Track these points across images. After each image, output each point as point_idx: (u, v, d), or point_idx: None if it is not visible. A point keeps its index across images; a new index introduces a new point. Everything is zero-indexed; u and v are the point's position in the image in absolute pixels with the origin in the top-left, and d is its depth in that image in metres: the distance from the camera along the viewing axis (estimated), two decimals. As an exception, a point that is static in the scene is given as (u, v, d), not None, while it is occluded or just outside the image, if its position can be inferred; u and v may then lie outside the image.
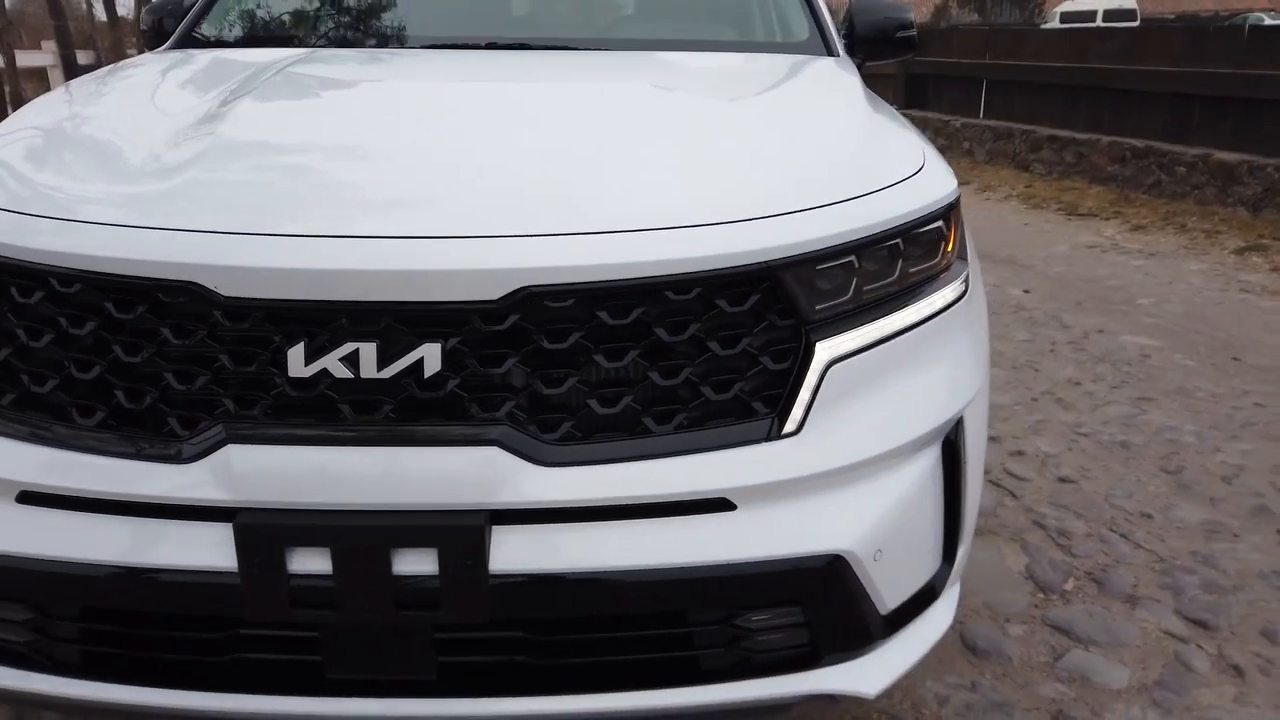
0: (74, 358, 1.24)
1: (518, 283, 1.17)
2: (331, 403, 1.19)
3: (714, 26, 2.46)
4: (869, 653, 1.41)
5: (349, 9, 2.32)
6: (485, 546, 1.19)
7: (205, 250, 1.17)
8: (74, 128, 1.62)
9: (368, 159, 1.44)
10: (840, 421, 1.31)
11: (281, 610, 1.21)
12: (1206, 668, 1.97)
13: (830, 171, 1.44)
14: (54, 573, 1.24)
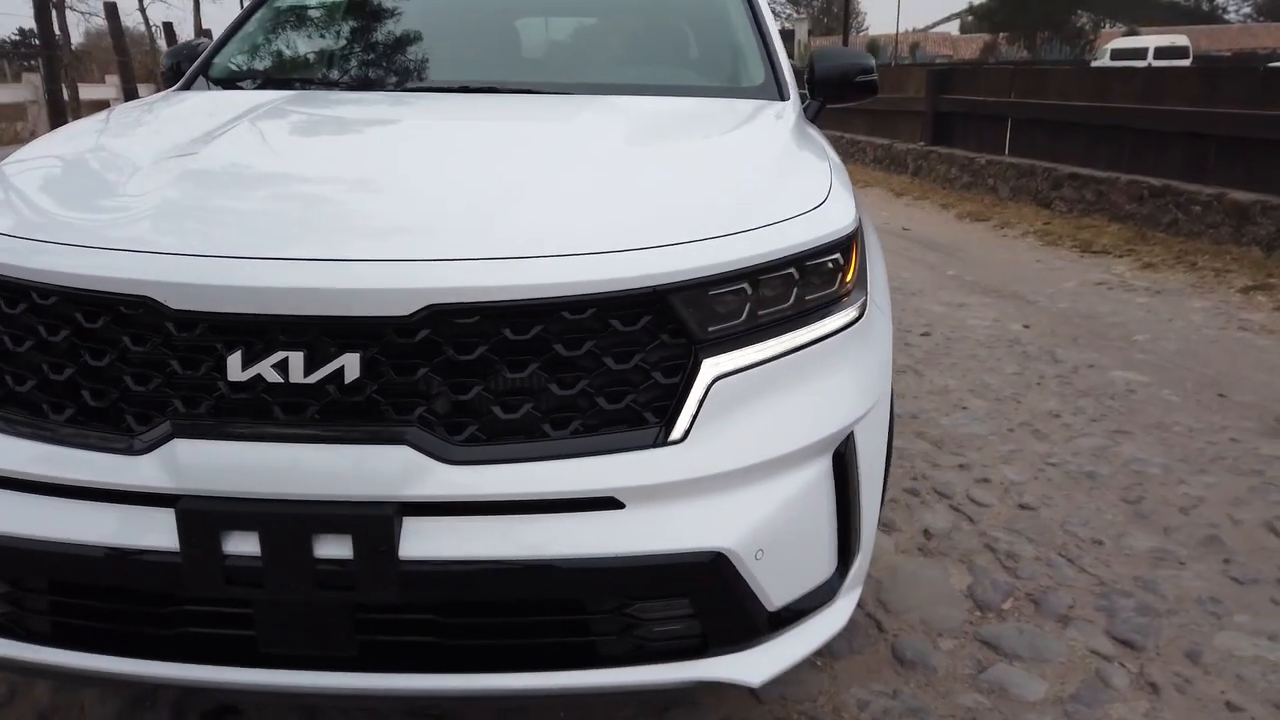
0: (49, 361, 1.43)
1: (426, 301, 1.33)
2: (264, 404, 1.36)
3: (677, 72, 2.63)
4: (756, 646, 1.53)
5: (330, 58, 2.53)
6: (395, 535, 1.35)
7: (158, 269, 1.35)
8: (66, 161, 1.83)
9: (305, 190, 1.63)
10: (724, 431, 1.45)
11: (217, 587, 1.37)
12: (1124, 684, 2.05)
13: (727, 205, 1.58)
14: (25, 550, 1.42)
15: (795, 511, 1.53)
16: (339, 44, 2.66)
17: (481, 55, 2.55)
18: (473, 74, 2.40)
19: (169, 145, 1.80)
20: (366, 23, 2.70)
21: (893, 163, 11.19)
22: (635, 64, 2.65)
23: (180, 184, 1.59)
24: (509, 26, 2.68)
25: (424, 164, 1.73)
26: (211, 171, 1.69)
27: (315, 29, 2.70)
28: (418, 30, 2.59)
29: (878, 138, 11.78)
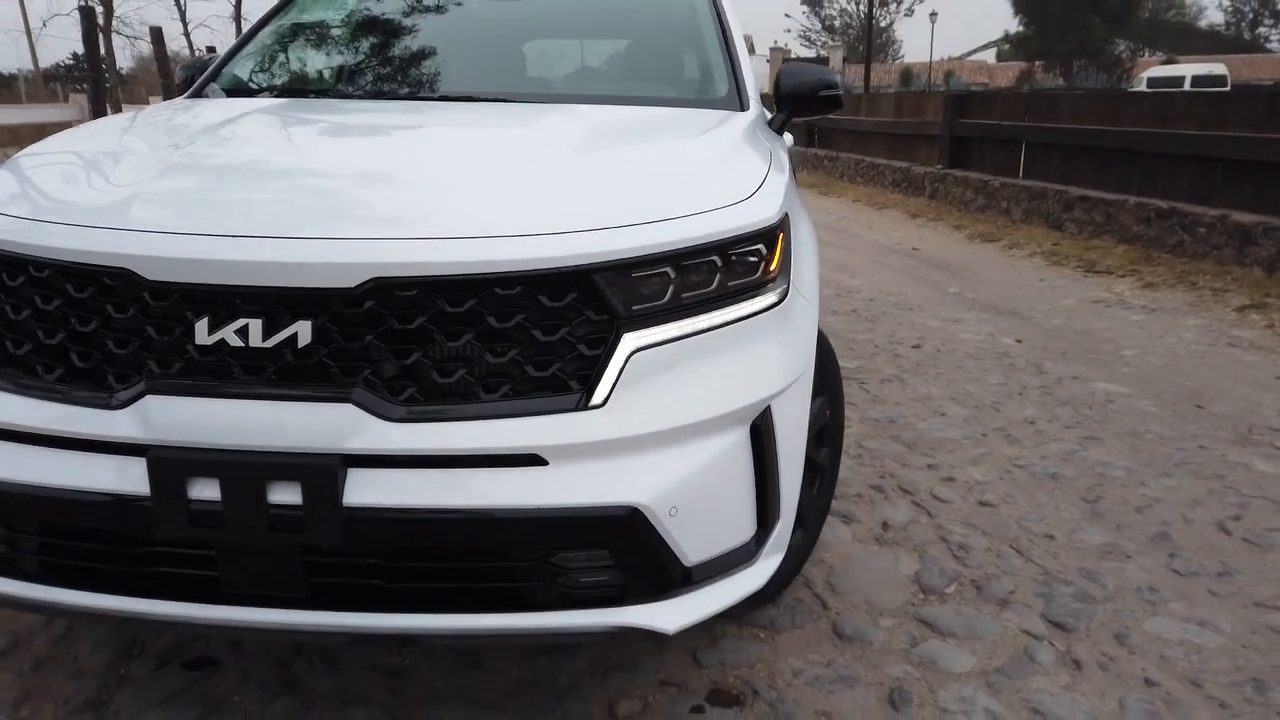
0: (43, 327, 1.61)
1: (370, 274, 1.50)
2: (227, 366, 1.54)
3: (647, 85, 2.80)
4: (672, 597, 1.67)
5: (320, 69, 2.74)
6: (340, 484, 1.51)
7: (136, 244, 1.53)
8: (71, 153, 2.03)
9: (271, 179, 1.82)
10: (642, 398, 1.60)
11: (183, 528, 1.54)
12: (1049, 660, 2.16)
13: (656, 196, 1.74)
14: (18, 494, 1.60)
15: (710, 475, 1.67)
16: (329, 57, 2.89)
17: (462, 68, 2.75)
18: (452, 84, 2.59)
19: (162, 142, 2.00)
20: (356, 39, 2.92)
21: (911, 185, 11.29)
22: (608, 77, 2.84)
23: (163, 173, 1.78)
24: (494, 42, 2.88)
25: (381, 157, 1.92)
26: (192, 163, 1.88)
27: (310, 44, 2.93)
28: (403, 46, 2.80)
29: (897, 161, 11.91)
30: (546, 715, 1.93)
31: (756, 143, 2.23)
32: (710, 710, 1.96)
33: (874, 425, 3.70)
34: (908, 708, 1.99)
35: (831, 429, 2.45)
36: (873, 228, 9.40)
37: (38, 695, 1.97)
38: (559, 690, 2.01)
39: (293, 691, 1.99)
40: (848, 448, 3.44)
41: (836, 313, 5.68)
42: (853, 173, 13.18)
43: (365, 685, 2.02)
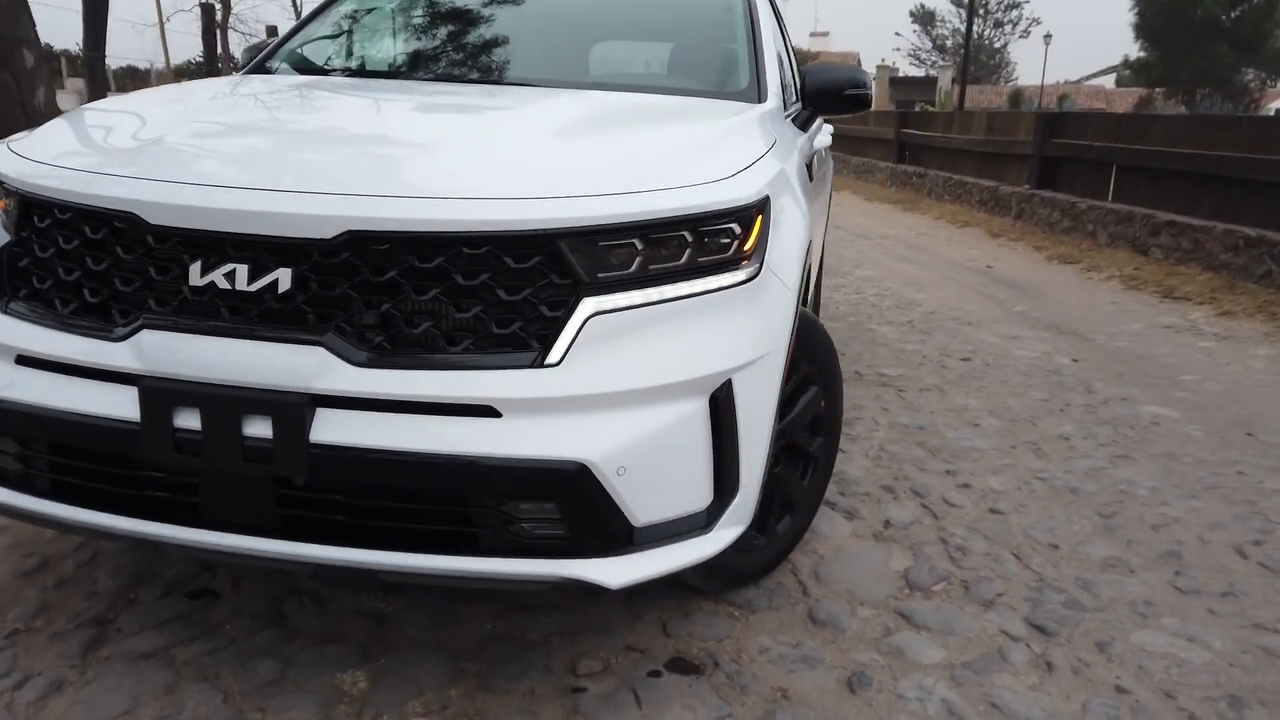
0: (62, 265, 1.78)
1: (345, 227, 1.62)
2: (215, 306, 1.67)
3: (670, 76, 2.88)
4: (619, 554, 1.74)
5: (360, 51, 2.90)
6: (307, 421, 1.63)
7: (143, 191, 1.68)
8: (121, 111, 2.21)
9: (272, 140, 1.96)
10: (597, 360, 1.68)
11: (168, 454, 1.68)
12: (1021, 661, 2.14)
13: (632, 170, 1.81)
14: (33, 415, 1.76)
15: (663, 440, 1.73)
16: (368, 41, 3.06)
17: (488, 53, 2.87)
18: (475, 68, 2.72)
19: (191, 106, 2.18)
20: (393, 26, 3.08)
21: (997, 205, 11.05)
22: (632, 67, 2.92)
23: (179, 131, 1.94)
24: (525, 31, 2.99)
25: (379, 126, 2.05)
26: (205, 124, 2.05)
27: (354, 30, 3.10)
28: (437, 32, 2.95)
29: (985, 179, 11.66)
30: (509, 666, 2.02)
31: (760, 131, 2.27)
32: (667, 676, 2.02)
33: (901, 431, 3.68)
34: (865, 691, 2.01)
35: (827, 419, 2.48)
36: (950, 245, 9.24)
37: (54, 609, 2.15)
38: (527, 645, 2.09)
39: (280, 625, 2.12)
40: (867, 450, 3.44)
41: (892, 323, 5.64)
42: (940, 190, 12.96)
43: (348, 627, 2.14)
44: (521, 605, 2.23)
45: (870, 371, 4.55)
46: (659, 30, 3.16)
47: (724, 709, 1.92)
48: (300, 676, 1.95)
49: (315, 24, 3.12)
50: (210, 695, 1.88)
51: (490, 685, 1.95)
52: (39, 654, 1.99)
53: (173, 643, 2.04)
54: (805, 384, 2.38)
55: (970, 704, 1.97)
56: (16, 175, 1.86)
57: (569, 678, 1.99)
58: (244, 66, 3.10)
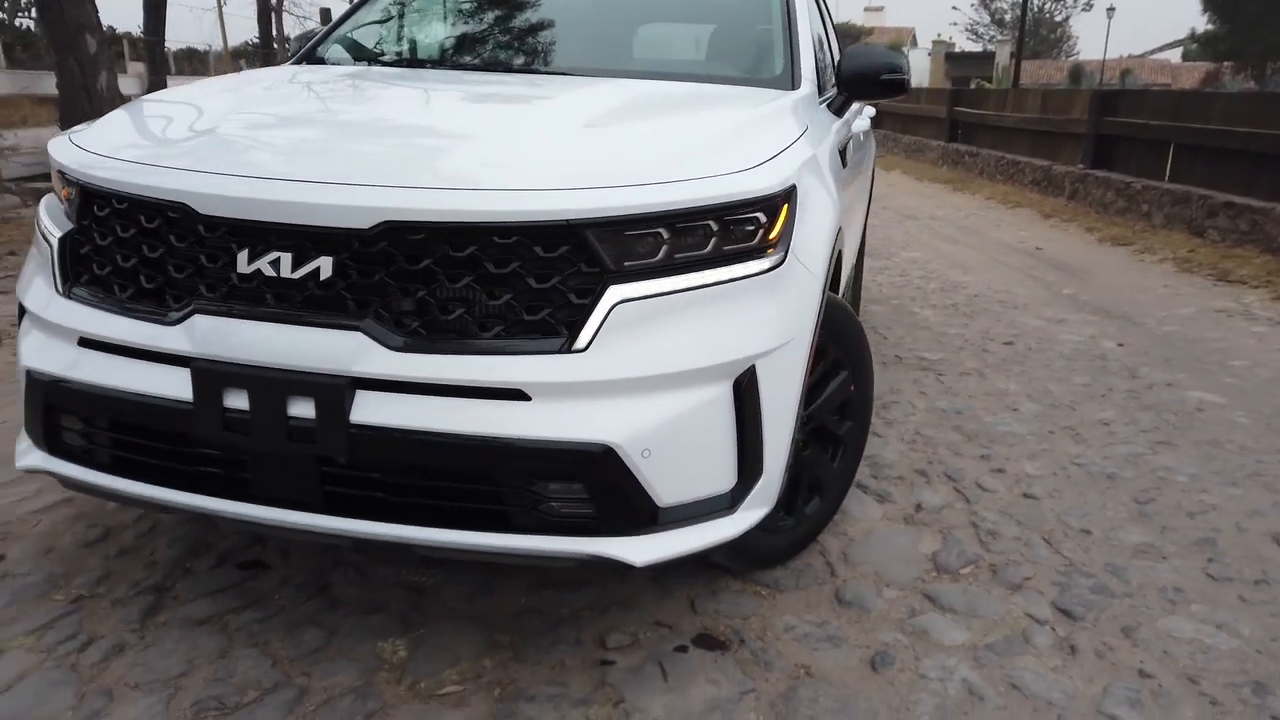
0: (120, 252, 1.88)
1: (383, 218, 1.69)
2: (261, 293, 1.76)
3: (706, 63, 2.91)
4: (643, 534, 1.80)
5: (401, 42, 2.97)
6: (348, 402, 1.71)
7: (194, 183, 1.77)
8: (176, 102, 2.32)
9: (315, 132, 2.04)
10: (622, 346, 1.74)
11: (218, 433, 1.78)
12: (1045, 644, 2.17)
13: (660, 160, 1.86)
14: (95, 394, 1.87)
15: (687, 423, 1.79)
16: (410, 31, 3.13)
17: (533, 45, 2.92)
18: (514, 58, 2.77)
19: (241, 98, 2.27)
20: (437, 16, 3.15)
21: (1050, 185, 10.85)
22: (668, 55, 2.95)
23: (229, 124, 2.03)
24: (564, 21, 3.04)
25: (415, 117, 2.12)
26: (253, 117, 2.14)
27: (396, 19, 3.18)
28: (478, 23, 3.01)
29: (1039, 159, 11.45)
30: (540, 638, 2.10)
31: (791, 119, 2.30)
32: (694, 651, 2.08)
33: (938, 415, 3.69)
34: (887, 670, 2.05)
35: (856, 403, 2.51)
36: (1000, 226, 9.12)
37: (115, 577, 2.28)
38: (558, 619, 2.17)
39: (324, 596, 2.23)
40: (902, 434, 3.46)
41: (935, 307, 5.61)
42: (992, 170, 12.75)
43: (388, 598, 2.24)
44: (553, 581, 2.31)
45: (910, 355, 4.55)
46: (696, 18, 3.19)
47: (747, 684, 1.98)
48: (344, 644, 2.05)
49: (362, 12, 3.20)
50: (260, 660, 1.98)
51: (523, 656, 2.04)
52: (101, 619, 2.12)
53: (225, 610, 2.15)
54: (834, 369, 2.42)
55: (990, 684, 2.01)
56: (77, 166, 1.97)
57: (598, 651, 2.07)
58: (294, 55, 3.19)
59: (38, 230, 2.09)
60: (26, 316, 2.03)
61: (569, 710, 1.87)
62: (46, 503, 2.65)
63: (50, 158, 2.06)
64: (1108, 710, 1.94)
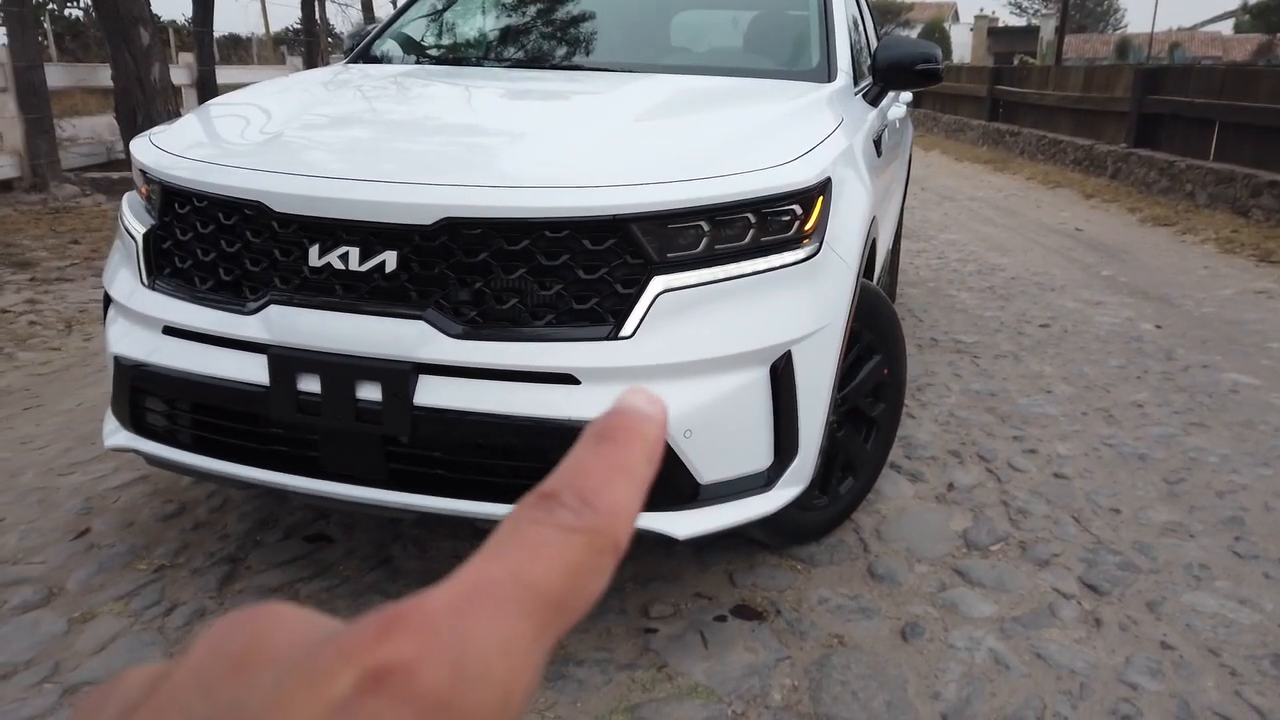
0: (200, 247, 2.03)
1: (443, 214, 1.82)
2: (331, 285, 1.90)
3: (744, 57, 3.00)
4: (685, 509, 1.92)
5: (452, 41, 3.09)
6: (411, 386, 1.85)
7: (269, 182, 1.91)
8: (245, 104, 2.46)
9: (378, 131, 2.16)
10: (666, 332, 1.85)
11: (291, 414, 1.92)
12: (1070, 617, 2.26)
13: (701, 156, 1.97)
14: (178, 379, 2.03)
15: (726, 405, 1.91)
16: (460, 30, 3.26)
17: (577, 42, 3.03)
18: (561, 55, 2.89)
19: (306, 99, 2.41)
20: (486, 14, 3.27)
21: (1092, 164, 10.75)
22: (709, 49, 3.05)
23: (298, 125, 2.18)
24: (608, 18, 3.15)
25: (470, 116, 2.24)
26: (320, 117, 2.27)
27: (446, 19, 3.30)
28: (526, 20, 3.12)
29: (1080, 138, 11.34)
30: (588, 607, 2.23)
31: (827, 112, 2.39)
32: (732, 620, 2.20)
33: (973, 397, 3.77)
34: (917, 640, 2.16)
35: (889, 386, 2.61)
36: (1040, 207, 9.08)
37: (192, 548, 2.45)
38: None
39: (386, 567, 2.38)
40: (936, 415, 3.54)
41: (972, 289, 5.66)
42: (1033, 149, 12.64)
43: (445, 568, 2.36)
44: (600, 554, 2.43)
45: (946, 338, 4.62)
46: (734, 13, 3.28)
47: (783, 652, 2.10)
48: (405, 611, 2.20)
49: (412, 10, 3.33)
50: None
51: (571, 624, 2.17)
52: (182, 587, 2.28)
53: (294, 579, 2.31)
54: (868, 353, 2.51)
55: (1016, 654, 2.11)
56: (158, 166, 2.11)
57: (642, 619, 2.19)
58: (348, 53, 3.33)
59: (121, 225, 2.25)
60: (113, 305, 2.19)
61: (615, 673, 2.01)
62: (124, 480, 2.84)
63: (132, 157, 2.22)
64: (1129, 679, 2.04)
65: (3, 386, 3.70)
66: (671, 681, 1.99)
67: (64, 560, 2.39)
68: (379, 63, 3.09)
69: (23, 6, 7.59)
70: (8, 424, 3.31)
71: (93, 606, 2.20)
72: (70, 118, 10.14)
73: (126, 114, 8.60)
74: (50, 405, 3.49)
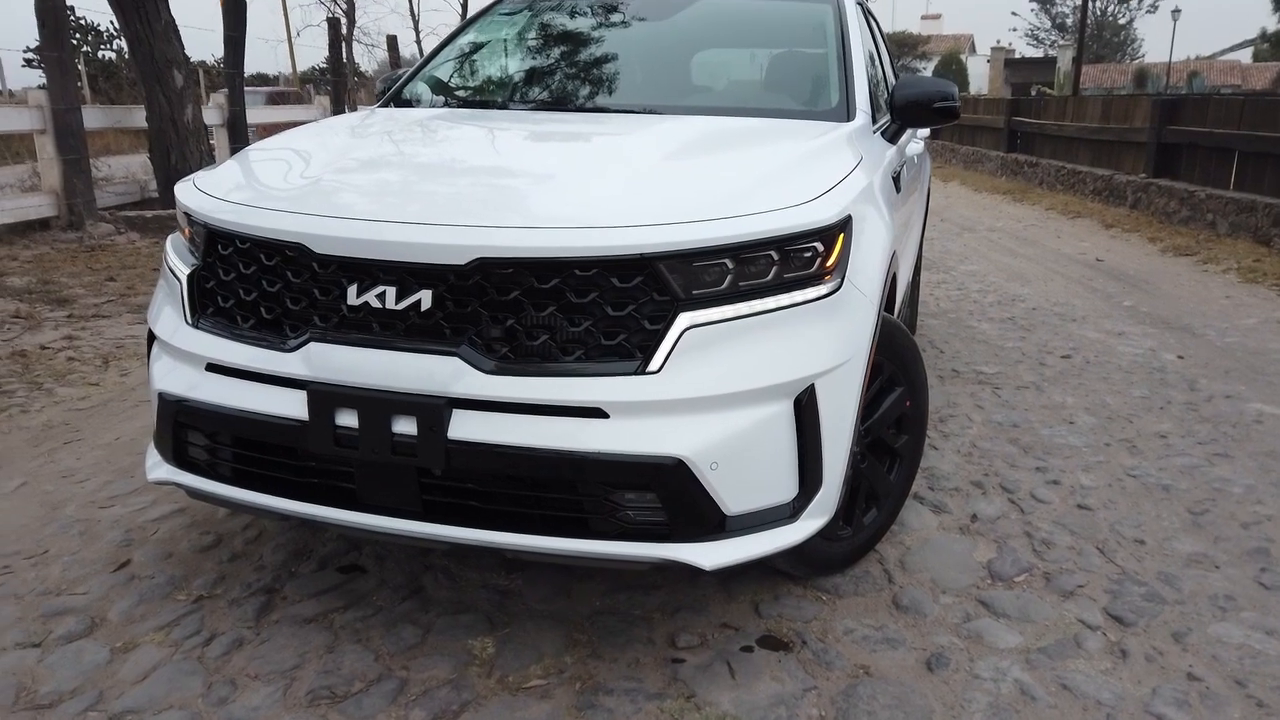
0: (243, 287, 2.11)
1: (476, 254, 1.89)
2: (368, 322, 1.97)
3: (766, 97, 3.07)
4: (712, 540, 1.96)
5: (477, 85, 3.19)
6: (446, 420, 1.91)
7: (310, 225, 1.99)
8: (283, 149, 2.55)
9: (411, 175, 2.25)
10: (692, 368, 1.90)
11: (329, 447, 1.98)
12: (1096, 648, 2.27)
13: (723, 196, 2.03)
14: (220, 413, 2.10)
15: (751, 438, 1.95)
16: (488, 74, 3.36)
17: (601, 83, 3.12)
18: (587, 97, 2.97)
19: (342, 143, 2.50)
20: (512, 60, 3.37)
21: (1112, 194, 10.77)
22: (730, 91, 3.13)
23: (335, 169, 2.27)
24: (630, 61, 3.23)
25: (499, 159, 2.32)
26: (357, 161, 2.36)
27: (475, 63, 3.41)
28: (550, 65, 3.22)
29: (1099, 168, 11.36)
30: (616, 637, 2.26)
31: (846, 151, 2.46)
32: (759, 651, 2.23)
33: (995, 428, 3.79)
34: (942, 671, 2.18)
35: (911, 418, 2.64)
36: (1060, 237, 9.10)
37: (230, 579, 2.51)
38: (632, 619, 2.34)
39: (418, 597, 2.43)
40: (959, 447, 3.56)
41: (993, 320, 5.68)
42: (1052, 180, 12.67)
43: (476, 599, 2.43)
44: (627, 584, 2.48)
45: (967, 369, 4.64)
46: (754, 54, 3.36)
47: (809, 682, 2.12)
48: (437, 641, 2.24)
49: (440, 56, 3.44)
50: (363, 655, 2.19)
51: (600, 653, 2.21)
52: (221, 617, 2.34)
53: (330, 609, 2.36)
54: (890, 385, 2.55)
55: (1042, 685, 2.12)
56: (202, 209, 2.20)
57: (669, 650, 2.23)
58: (379, 96, 3.43)
59: (166, 265, 2.33)
60: (157, 343, 2.27)
61: (644, 703, 2.04)
62: (163, 512, 2.91)
63: (177, 201, 2.31)
64: (1156, 710, 2.05)
65: (44, 421, 3.80)
66: (700, 711, 2.02)
67: (106, 591, 2.46)
68: (409, 106, 3.19)
69: (61, 52, 7.83)
70: (49, 458, 3.40)
71: (134, 636, 2.26)
72: (105, 157, 10.38)
73: (160, 154, 8.82)
74: (90, 439, 3.58)
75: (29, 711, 1.99)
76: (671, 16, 3.41)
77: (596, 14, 3.41)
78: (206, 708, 2.00)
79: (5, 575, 2.54)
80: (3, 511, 2.94)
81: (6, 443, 3.56)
